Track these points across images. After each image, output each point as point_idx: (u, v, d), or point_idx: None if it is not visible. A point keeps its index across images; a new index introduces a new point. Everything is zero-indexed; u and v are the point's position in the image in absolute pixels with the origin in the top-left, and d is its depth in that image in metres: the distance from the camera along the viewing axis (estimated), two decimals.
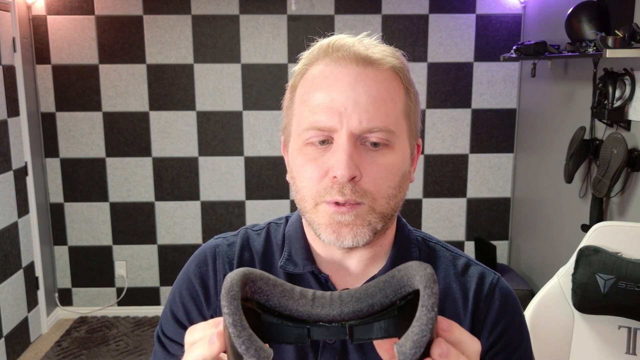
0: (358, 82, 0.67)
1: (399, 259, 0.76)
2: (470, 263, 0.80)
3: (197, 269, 0.80)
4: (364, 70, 0.68)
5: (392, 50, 0.72)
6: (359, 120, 0.66)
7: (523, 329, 0.78)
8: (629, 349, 1.39)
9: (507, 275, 3.19)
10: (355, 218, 0.67)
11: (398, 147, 0.69)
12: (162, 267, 3.54)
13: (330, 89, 0.67)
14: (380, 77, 0.68)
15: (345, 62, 0.68)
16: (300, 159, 0.70)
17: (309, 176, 0.69)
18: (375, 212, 0.68)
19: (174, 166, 3.44)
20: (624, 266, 1.36)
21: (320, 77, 0.69)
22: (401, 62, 0.72)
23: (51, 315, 3.47)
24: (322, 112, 0.67)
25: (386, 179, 0.68)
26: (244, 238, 0.82)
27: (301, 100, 0.71)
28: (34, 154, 3.27)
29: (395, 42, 3.43)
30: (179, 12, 3.28)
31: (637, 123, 2.14)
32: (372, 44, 0.71)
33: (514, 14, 3.30)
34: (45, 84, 3.33)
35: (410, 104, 0.72)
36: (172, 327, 0.80)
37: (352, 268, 0.75)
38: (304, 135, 0.69)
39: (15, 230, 3.05)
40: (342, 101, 0.66)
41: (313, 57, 0.71)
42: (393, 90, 0.69)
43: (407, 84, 0.72)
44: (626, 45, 1.96)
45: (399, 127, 0.69)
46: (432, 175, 3.47)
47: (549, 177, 2.97)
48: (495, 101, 3.40)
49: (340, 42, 0.70)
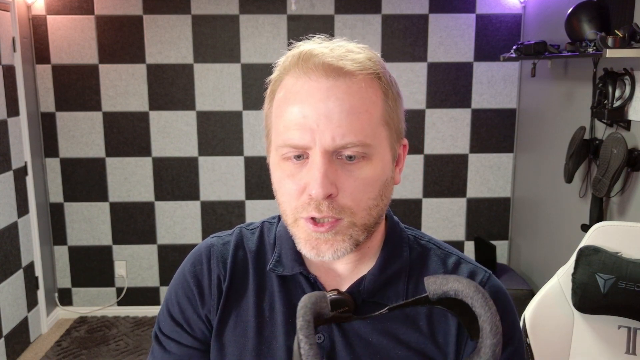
0: (329, 96, 0.65)
1: (390, 258, 0.76)
2: (461, 261, 0.79)
3: (192, 268, 0.81)
4: (336, 83, 0.65)
5: (367, 55, 0.69)
6: (332, 136, 0.64)
7: (514, 326, 0.78)
8: (629, 349, 1.39)
9: (507, 275, 3.19)
10: (335, 235, 0.67)
11: (376, 158, 0.68)
12: (162, 267, 3.54)
13: (302, 104, 0.66)
14: (354, 89, 0.66)
15: (316, 74, 0.66)
16: (278, 173, 0.70)
17: (287, 192, 0.69)
18: (357, 226, 0.68)
19: (174, 166, 3.44)
20: (623, 266, 1.36)
21: (292, 91, 0.67)
22: (378, 65, 0.69)
23: (51, 315, 3.47)
24: (295, 129, 0.66)
25: (365, 192, 0.67)
26: (239, 237, 0.82)
27: (277, 114, 0.70)
28: (34, 154, 3.27)
29: (395, 42, 3.45)
30: (178, 12, 3.28)
31: (637, 123, 2.14)
32: (348, 51, 0.68)
33: (513, 14, 3.30)
34: (45, 83, 3.33)
35: (389, 109, 0.70)
36: (168, 326, 0.81)
37: (340, 270, 0.76)
38: (280, 150, 0.68)
39: (15, 230, 3.04)
40: (314, 118, 0.65)
41: (286, 67, 0.70)
42: (368, 99, 0.67)
43: (386, 87, 0.70)
44: (626, 45, 1.96)
45: (376, 137, 0.67)
46: (432, 175, 3.47)
47: (549, 177, 2.97)
48: (495, 101, 3.40)
49: (311, 53, 0.67)
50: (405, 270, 0.77)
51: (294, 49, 0.70)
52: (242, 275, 0.79)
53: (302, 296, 0.76)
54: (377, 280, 0.75)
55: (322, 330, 0.74)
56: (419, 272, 0.77)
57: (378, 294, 0.75)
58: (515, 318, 0.79)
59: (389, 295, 0.75)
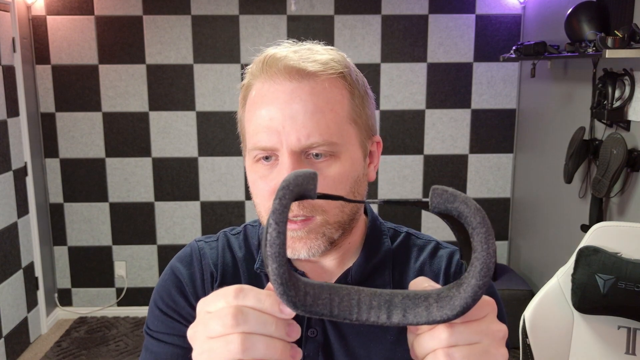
0: (293, 98, 0.67)
1: (372, 250, 0.79)
2: (439, 246, 0.82)
3: (183, 266, 0.81)
4: (299, 85, 0.68)
5: (331, 56, 0.71)
6: (297, 137, 0.66)
7: (493, 292, 0.79)
8: (629, 349, 1.39)
9: (507, 275, 3.20)
10: (308, 233, 0.69)
11: (345, 155, 0.69)
12: (161, 267, 3.54)
13: (268, 107, 0.68)
14: (318, 89, 0.68)
15: (280, 78, 0.68)
16: (252, 176, 0.72)
17: (260, 193, 0.71)
18: (330, 223, 0.70)
19: (174, 166, 3.44)
20: (623, 266, 1.36)
21: (259, 95, 0.70)
22: (344, 66, 0.71)
23: (51, 315, 3.46)
24: (263, 132, 0.68)
25: (335, 189, 0.69)
26: (225, 241, 0.84)
27: (248, 118, 0.72)
28: (34, 154, 3.27)
29: (395, 42, 3.45)
30: (178, 12, 3.28)
31: (636, 123, 2.14)
32: (313, 52, 0.70)
33: (513, 14, 3.30)
34: (45, 84, 3.33)
35: (356, 107, 0.71)
36: (159, 319, 0.79)
37: (327, 265, 0.78)
38: (251, 153, 0.71)
39: (15, 231, 3.04)
40: (279, 119, 0.67)
41: (253, 72, 0.72)
42: (333, 99, 0.69)
43: (352, 87, 0.71)
44: (626, 45, 1.96)
45: (343, 135, 0.69)
46: (431, 176, 3.48)
47: (548, 177, 2.97)
48: (495, 101, 3.41)
49: (274, 57, 0.70)
50: (389, 259, 0.79)
51: (261, 55, 0.73)
52: (231, 277, 0.80)
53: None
54: (363, 271, 0.77)
55: (314, 325, 0.75)
56: (402, 261, 0.80)
57: (366, 284, 0.76)
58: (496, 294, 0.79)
59: (376, 284, 0.77)
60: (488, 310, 0.48)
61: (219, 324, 0.46)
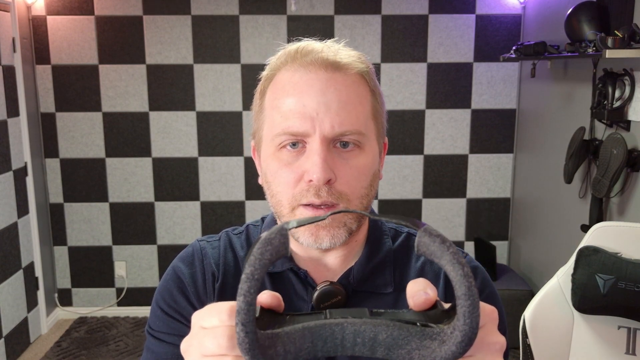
0: (328, 87, 0.69)
1: (374, 248, 0.80)
2: None
3: (185, 266, 0.81)
4: (333, 76, 0.70)
5: (358, 55, 0.75)
6: (331, 124, 0.68)
7: (495, 299, 0.80)
8: (629, 349, 1.39)
9: (507, 275, 3.19)
10: (332, 220, 0.70)
11: (368, 148, 0.72)
12: (161, 267, 3.54)
13: (301, 94, 0.69)
14: (349, 82, 0.71)
15: (314, 67, 0.70)
16: (274, 164, 0.72)
17: (284, 181, 0.71)
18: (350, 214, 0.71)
19: (174, 166, 3.45)
20: (623, 266, 1.36)
21: (290, 83, 0.71)
22: (367, 66, 0.75)
23: (51, 315, 3.46)
24: (295, 117, 0.69)
25: (359, 180, 0.71)
26: (226, 241, 0.84)
27: (272, 106, 0.73)
28: (34, 154, 3.27)
29: (395, 42, 3.45)
30: (178, 12, 3.28)
31: (636, 123, 2.14)
32: (340, 49, 0.73)
33: (513, 14, 3.30)
34: (45, 84, 3.33)
35: (377, 105, 0.75)
36: (161, 319, 0.80)
37: (330, 264, 0.78)
38: (276, 140, 0.71)
39: (15, 231, 3.04)
40: (313, 106, 0.68)
41: (281, 62, 0.74)
42: (361, 93, 0.72)
43: (373, 87, 0.75)
44: (626, 45, 1.96)
45: (368, 128, 0.72)
46: (431, 176, 3.48)
47: (548, 177, 2.97)
48: (495, 101, 3.41)
49: (309, 48, 0.72)
50: (390, 259, 0.80)
51: (289, 47, 0.74)
52: (233, 277, 0.80)
53: (292, 293, 0.77)
54: (364, 270, 0.78)
55: None
56: (403, 261, 0.81)
57: (367, 283, 0.77)
58: (495, 292, 0.81)
59: (377, 283, 0.78)
60: (485, 321, 0.47)
61: (214, 344, 0.46)
